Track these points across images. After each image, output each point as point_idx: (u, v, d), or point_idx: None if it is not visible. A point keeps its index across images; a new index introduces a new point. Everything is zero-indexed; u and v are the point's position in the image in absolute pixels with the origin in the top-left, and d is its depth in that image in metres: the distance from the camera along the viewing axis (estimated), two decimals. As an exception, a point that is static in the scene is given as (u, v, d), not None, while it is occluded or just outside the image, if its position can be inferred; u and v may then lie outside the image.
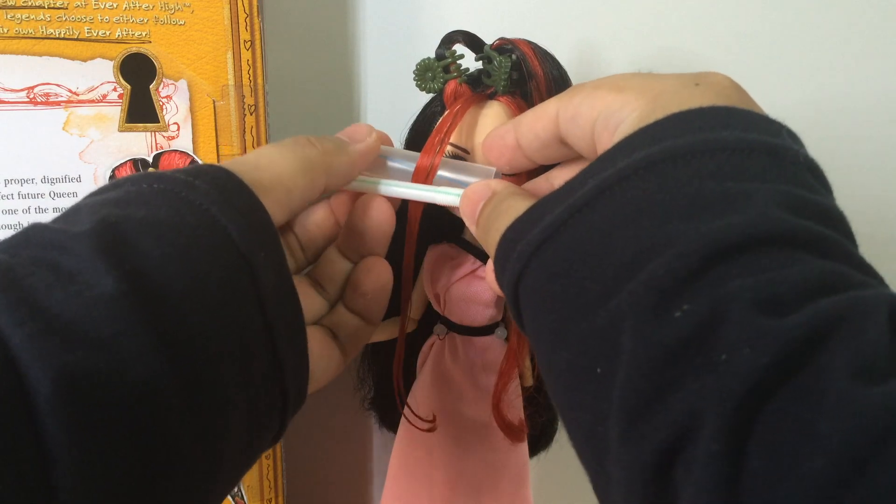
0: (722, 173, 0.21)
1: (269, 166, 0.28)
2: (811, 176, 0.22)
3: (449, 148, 0.35)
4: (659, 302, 0.19)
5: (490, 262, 0.31)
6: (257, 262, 0.25)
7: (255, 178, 0.27)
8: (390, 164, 0.34)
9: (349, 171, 0.32)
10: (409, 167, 0.34)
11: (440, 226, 0.39)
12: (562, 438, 0.48)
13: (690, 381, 0.18)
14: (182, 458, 0.21)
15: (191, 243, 0.23)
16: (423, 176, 0.34)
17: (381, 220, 0.33)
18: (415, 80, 0.36)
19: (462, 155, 0.36)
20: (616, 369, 0.20)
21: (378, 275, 0.34)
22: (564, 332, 0.22)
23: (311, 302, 0.33)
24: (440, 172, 0.34)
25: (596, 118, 0.26)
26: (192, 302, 0.22)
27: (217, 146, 0.41)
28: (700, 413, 0.17)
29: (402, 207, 0.35)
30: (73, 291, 0.20)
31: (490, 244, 0.28)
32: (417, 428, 0.41)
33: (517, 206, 0.27)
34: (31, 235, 0.23)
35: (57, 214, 0.25)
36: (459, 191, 0.33)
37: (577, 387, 0.21)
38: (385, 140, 0.35)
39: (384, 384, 0.46)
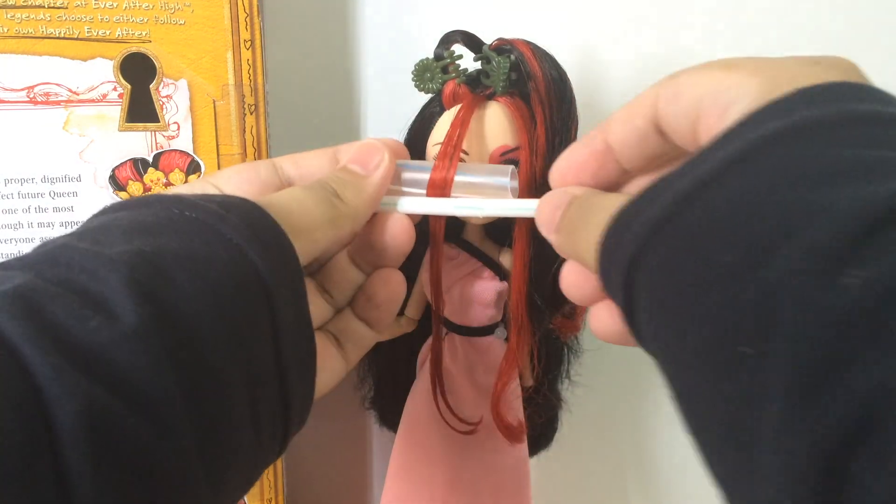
0: (869, 142, 0.19)
1: (302, 214, 0.28)
2: None
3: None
4: (826, 268, 0.17)
5: (570, 266, 0.29)
6: (280, 300, 0.24)
7: (287, 221, 0.27)
8: (405, 175, 0.34)
9: (370, 211, 0.32)
10: (425, 175, 0.34)
11: (440, 226, 0.39)
12: (562, 438, 0.48)
13: (873, 354, 0.16)
14: (191, 491, 0.21)
15: (221, 279, 0.23)
16: (439, 190, 0.33)
17: (401, 239, 0.33)
18: (413, 80, 0.36)
19: (461, 157, 0.36)
20: (771, 347, 0.18)
21: (395, 287, 0.34)
22: (694, 312, 0.20)
23: (317, 308, 0.33)
24: (455, 179, 0.34)
25: (702, 95, 0.24)
26: (215, 342, 0.22)
27: (217, 146, 0.41)
28: (893, 391, 0.15)
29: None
30: (99, 323, 0.20)
31: (580, 243, 0.26)
32: (456, 430, 0.41)
33: (609, 201, 0.25)
34: (59, 254, 0.22)
35: (69, 218, 0.24)
36: (479, 201, 0.33)
37: (715, 372, 0.19)
38: (398, 150, 0.34)
39: (384, 384, 0.46)
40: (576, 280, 0.29)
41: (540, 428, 0.45)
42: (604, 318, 0.28)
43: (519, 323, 0.38)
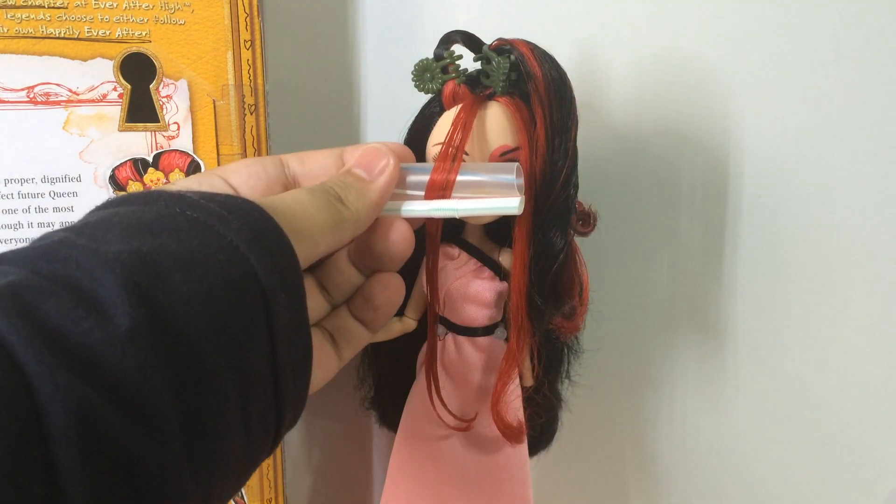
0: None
1: (305, 217, 0.28)
2: None
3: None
4: None
5: None
6: (278, 304, 0.24)
7: (289, 224, 0.27)
8: (410, 178, 0.34)
9: (373, 216, 0.32)
10: (428, 178, 0.34)
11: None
12: (562, 438, 0.48)
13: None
14: (179, 490, 0.22)
15: (218, 282, 0.23)
16: (439, 192, 0.33)
17: (401, 245, 0.33)
18: (413, 80, 0.36)
19: (462, 159, 0.35)
20: None
21: (394, 291, 0.34)
22: None
23: (314, 304, 0.33)
24: (459, 179, 0.33)
25: None
26: (209, 343, 0.22)
27: (217, 146, 0.41)
28: None
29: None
30: (92, 324, 0.20)
31: None
32: (451, 428, 0.41)
33: None
34: (57, 250, 0.22)
35: (69, 218, 0.24)
36: (454, 202, 0.33)
37: None
38: (403, 154, 0.34)
39: (384, 384, 0.46)
40: None
41: (540, 428, 0.45)
42: None
43: (519, 323, 0.38)
